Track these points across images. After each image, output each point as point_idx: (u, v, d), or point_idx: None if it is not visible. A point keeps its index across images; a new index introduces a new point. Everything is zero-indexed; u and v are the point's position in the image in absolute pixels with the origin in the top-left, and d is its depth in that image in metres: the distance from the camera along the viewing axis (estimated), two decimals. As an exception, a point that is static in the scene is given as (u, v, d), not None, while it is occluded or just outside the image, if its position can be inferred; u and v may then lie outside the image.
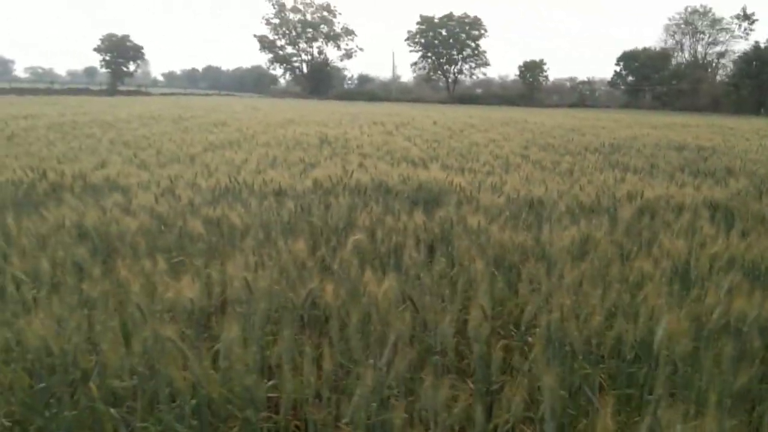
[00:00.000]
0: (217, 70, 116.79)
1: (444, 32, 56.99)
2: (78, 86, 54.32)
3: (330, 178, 3.95)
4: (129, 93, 48.22)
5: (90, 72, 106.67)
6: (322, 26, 59.74)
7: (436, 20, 57.14)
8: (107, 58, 55.09)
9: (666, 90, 51.82)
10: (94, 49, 54.75)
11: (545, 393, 1.35)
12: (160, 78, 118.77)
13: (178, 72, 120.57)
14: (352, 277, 2.05)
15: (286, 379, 1.47)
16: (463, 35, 57.04)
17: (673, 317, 1.68)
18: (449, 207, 3.33)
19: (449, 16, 57.14)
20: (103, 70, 57.13)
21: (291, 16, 59.24)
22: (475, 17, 57.13)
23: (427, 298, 1.98)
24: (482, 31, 57.59)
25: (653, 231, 3.13)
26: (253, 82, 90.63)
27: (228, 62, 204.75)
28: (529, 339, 1.98)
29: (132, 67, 57.47)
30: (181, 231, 2.69)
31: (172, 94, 50.99)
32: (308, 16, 59.38)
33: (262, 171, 5.15)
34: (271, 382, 1.65)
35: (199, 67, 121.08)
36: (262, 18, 60.31)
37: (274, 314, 1.90)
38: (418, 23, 57.70)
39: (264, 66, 66.61)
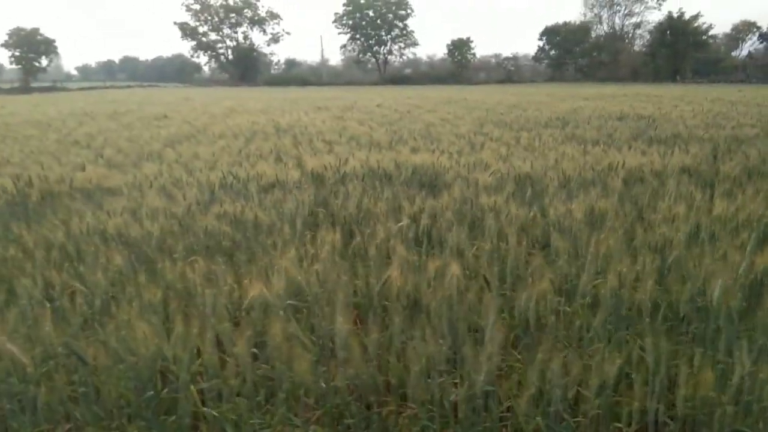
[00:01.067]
0: (135, 60, 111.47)
1: (371, 13, 56.71)
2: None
3: (326, 167, 3.94)
4: (44, 90, 45.28)
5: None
6: (245, 10, 58.09)
7: (362, 1, 56.73)
8: (17, 53, 51.46)
9: (588, 62, 53.87)
10: (2, 45, 51.02)
11: (649, 354, 1.46)
12: (74, 72, 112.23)
13: (93, 65, 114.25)
14: (411, 262, 2.10)
15: (394, 366, 1.52)
16: (391, 15, 56.98)
17: (726, 275, 1.83)
18: (454, 188, 3.41)
19: (375, -3, 56.90)
20: (12, 66, 53.37)
21: (212, 1, 57.29)
22: (401, -3, 57.16)
23: (487, 275, 2.05)
24: (409, 11, 57.74)
25: (648, 198, 3.33)
26: (176, 71, 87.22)
27: (146, 52, 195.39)
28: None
29: (44, 62, 54.02)
30: (207, 231, 2.63)
31: (92, 88, 48.27)
32: (230, 1, 57.58)
33: (240, 164, 5.07)
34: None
35: (116, 59, 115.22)
36: (182, 4, 57.81)
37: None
38: (344, 5, 57.15)
39: (187, 54, 64.22)
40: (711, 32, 42.43)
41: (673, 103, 15.19)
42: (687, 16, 41.59)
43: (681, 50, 40.94)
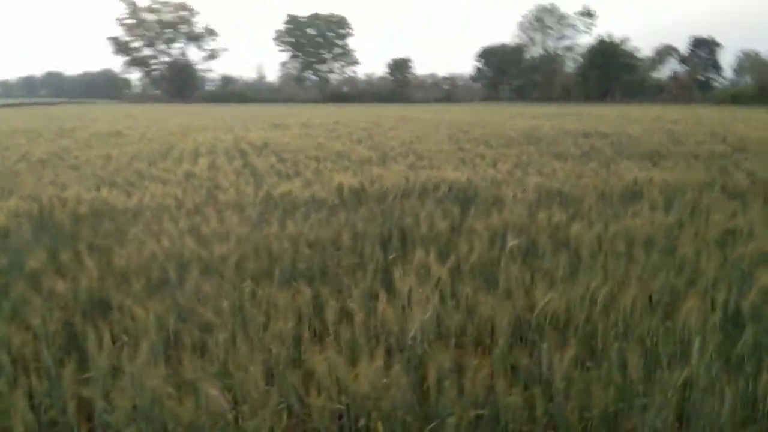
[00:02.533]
0: (60, 75, 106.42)
1: (312, 31, 56.71)
2: None
3: (362, 184, 3.80)
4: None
5: None
6: (181, 26, 56.76)
7: (303, 19, 56.70)
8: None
9: (522, 83, 55.87)
10: None
11: None
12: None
13: (13, 80, 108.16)
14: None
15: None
16: (332, 34, 57.19)
17: None
18: (504, 205, 3.36)
19: (316, 16, 57.00)
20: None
21: (146, 16, 55.64)
22: (341, 17, 57.57)
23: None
24: (349, 30, 58.16)
25: (684, 210, 3.38)
26: (104, 87, 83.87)
27: (72, 67, 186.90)
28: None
29: (-40, 75, 50.61)
30: (295, 253, 2.46)
31: (18, 105, 45.55)
32: (165, 16, 56.12)
33: (254, 183, 4.86)
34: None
35: (38, 73, 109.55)
36: (116, 19, 55.84)
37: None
38: (285, 22, 56.96)
39: (118, 69, 61.92)
40: (638, 55, 45.09)
41: (620, 121, 15.90)
42: (617, 40, 44.12)
43: (611, 72, 43.16)
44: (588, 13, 51.75)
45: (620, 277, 2.09)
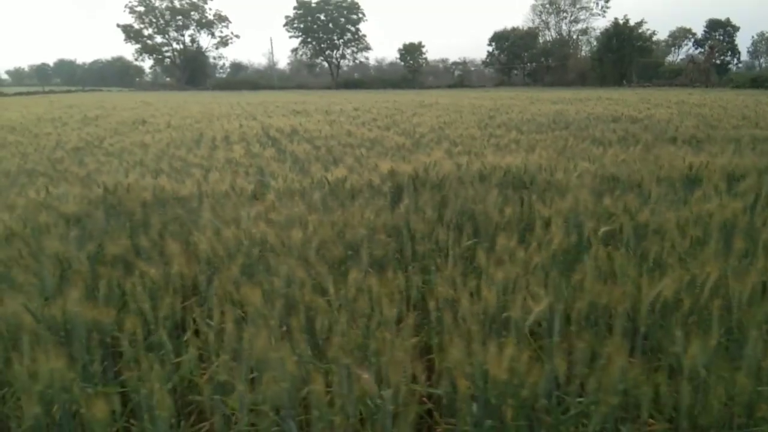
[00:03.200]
0: (72, 64, 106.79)
1: (323, 17, 56.40)
2: None
3: (416, 170, 3.77)
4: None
5: None
6: (192, 13, 56.65)
7: (313, 5, 56.36)
8: (-56, 55, 48.26)
9: (535, 67, 55.38)
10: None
11: None
12: (5, 76, 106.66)
13: (26, 68, 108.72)
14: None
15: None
16: (343, 20, 56.84)
17: None
18: (566, 191, 3.32)
19: (326, 1, 56.62)
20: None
21: (157, 3, 55.57)
22: (352, 1, 57.09)
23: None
24: (360, 15, 57.76)
25: (750, 195, 3.32)
26: (116, 75, 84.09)
27: (83, 55, 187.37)
28: None
29: (-25, 64, 50.89)
30: (371, 239, 2.44)
31: (32, 93, 45.79)
32: (176, 3, 56.03)
33: (298, 169, 4.85)
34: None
35: (50, 62, 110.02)
36: (125, 6, 55.87)
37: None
38: (295, 8, 56.62)
39: (131, 57, 62.03)
40: (654, 38, 44.53)
41: (643, 105, 15.71)
42: (632, 23, 43.54)
43: (627, 55, 42.66)
44: (602, -4, 51.13)
45: (719, 263, 2.05)
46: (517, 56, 55.93)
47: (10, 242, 2.37)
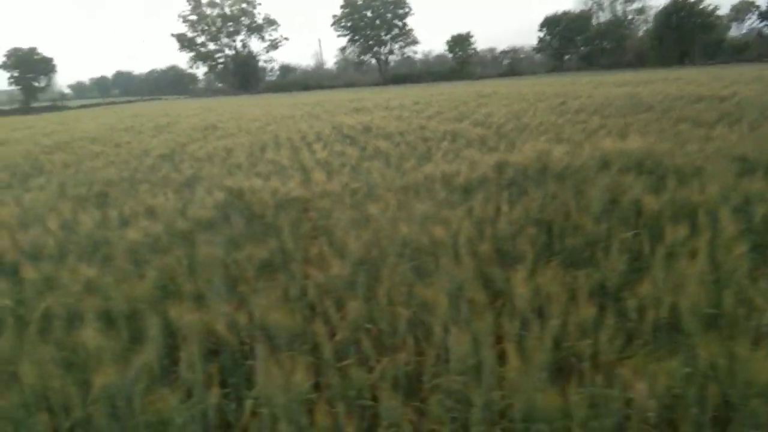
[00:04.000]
0: (129, 75, 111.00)
1: (369, 14, 56.40)
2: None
3: (529, 161, 3.63)
4: (46, 109, 44.65)
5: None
6: (242, 18, 57.73)
7: (360, 2, 56.42)
8: (15, 74, 50.95)
9: (590, 50, 53.68)
10: (0, 66, 50.49)
11: None
12: (67, 90, 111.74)
13: (87, 81, 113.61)
14: None
15: None
16: (390, 15, 56.68)
17: None
18: (701, 177, 3.11)
19: (372, -2, 56.58)
20: (11, 87, 52.76)
21: (208, 11, 56.90)
22: (399, -4, 56.86)
23: None
24: (407, 10, 57.43)
25: None
26: (170, 83, 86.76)
27: (139, 66, 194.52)
28: None
29: (43, 81, 53.53)
30: (518, 234, 2.32)
31: (94, 105, 47.80)
32: (227, 10, 57.21)
33: (393, 166, 4.79)
34: None
35: (109, 74, 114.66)
36: (178, 16, 57.49)
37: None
38: (342, 7, 56.81)
39: (185, 65, 63.84)
40: (718, 13, 42.34)
41: (718, 84, 14.91)
42: (692, -1, 41.50)
43: (688, 33, 40.71)
44: (659, -28, 48.89)
45: None
46: (570, 40, 54.35)
47: (162, 250, 2.38)
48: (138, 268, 2.23)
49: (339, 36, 58.37)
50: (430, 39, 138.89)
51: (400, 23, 57.36)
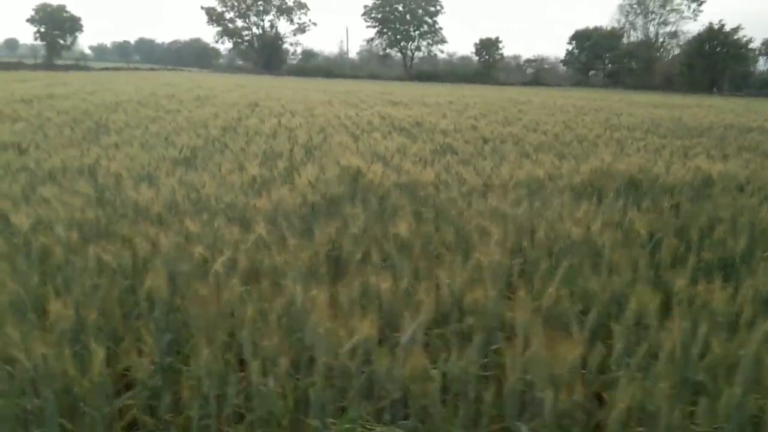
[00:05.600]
0: (151, 43, 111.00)
1: (401, 8, 56.31)
2: (5, 60, 50.06)
3: (629, 170, 3.68)
4: (69, 68, 44.64)
5: (10, 44, 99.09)
6: (273, -1, 57.72)
7: (393, -5, 56.38)
8: (42, 29, 51.02)
9: (617, 68, 53.53)
10: (27, 20, 50.60)
11: None
12: (88, 51, 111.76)
13: (108, 45, 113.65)
14: None
15: None
16: (420, 11, 56.58)
17: None
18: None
19: (405, -9, 56.48)
20: (37, 42, 52.89)
21: (240, -13, 56.87)
22: (432, -7, 56.75)
23: None
24: (438, 7, 57.32)
25: None
26: (193, 56, 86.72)
27: (162, 35, 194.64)
28: None
29: (69, 39, 53.61)
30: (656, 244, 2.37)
31: (117, 69, 47.73)
32: (259, -12, 57.21)
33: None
34: None
35: (131, 40, 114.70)
36: (209, -11, 57.48)
37: None
38: (374, -2, 56.76)
39: (210, 39, 63.81)
40: (751, 46, 42.18)
41: (762, 117, 14.89)
42: (727, 28, 41.35)
43: (720, 62, 40.60)
44: (695, -2, 48.79)
45: None
46: (598, 56, 54.24)
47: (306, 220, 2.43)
48: (299, 234, 2.29)
49: (368, 27, 58.24)
50: (454, 39, 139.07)
51: (430, 20, 57.26)
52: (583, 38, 54.41)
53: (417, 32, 57.42)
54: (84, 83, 17.15)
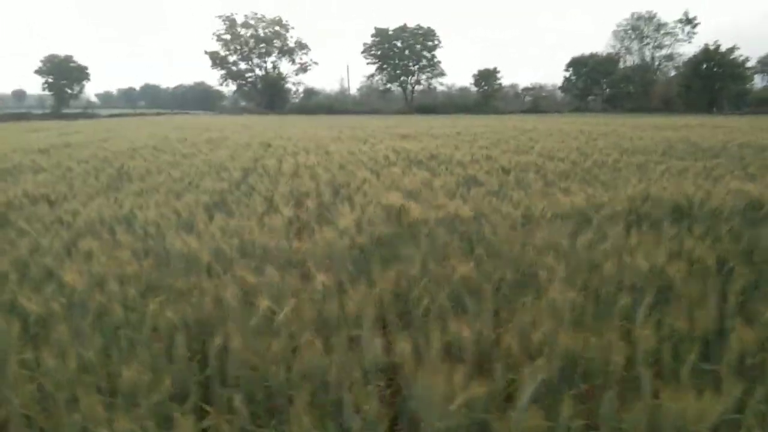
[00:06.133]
0: (156, 88, 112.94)
1: (399, 44, 57.29)
2: (14, 111, 50.94)
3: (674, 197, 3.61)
4: (77, 116, 45.27)
5: (18, 95, 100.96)
6: (275, 41, 58.82)
7: (390, 32, 57.39)
8: (50, 80, 52.02)
9: (614, 93, 54.04)
10: (36, 72, 51.65)
11: None
12: (94, 99, 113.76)
13: (114, 92, 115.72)
14: None
15: None
16: (418, 46, 57.53)
17: None
18: None
19: (403, 28, 57.54)
20: (45, 92, 53.90)
21: (242, 31, 58.04)
22: (429, 28, 57.80)
23: None
24: (436, 42, 58.29)
25: None
26: (197, 99, 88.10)
27: (165, 80, 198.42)
28: None
29: (76, 88, 54.58)
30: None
31: (123, 115, 48.50)
32: (260, 32, 58.36)
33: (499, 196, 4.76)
34: None
35: (136, 86, 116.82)
36: (213, 34, 58.60)
37: None
38: (372, 36, 57.80)
39: (214, 82, 64.95)
40: (747, 65, 42.55)
41: (763, 133, 14.89)
42: (723, 49, 41.79)
43: (717, 82, 40.95)
44: (688, 20, 49.50)
45: None
46: (595, 82, 54.84)
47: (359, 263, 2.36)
48: (356, 278, 2.22)
49: (368, 63, 59.20)
50: (451, 71, 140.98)
51: (428, 54, 58.18)
52: (580, 65, 55.12)
53: (416, 66, 58.31)
54: (96, 131, 17.34)
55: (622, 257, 2.34)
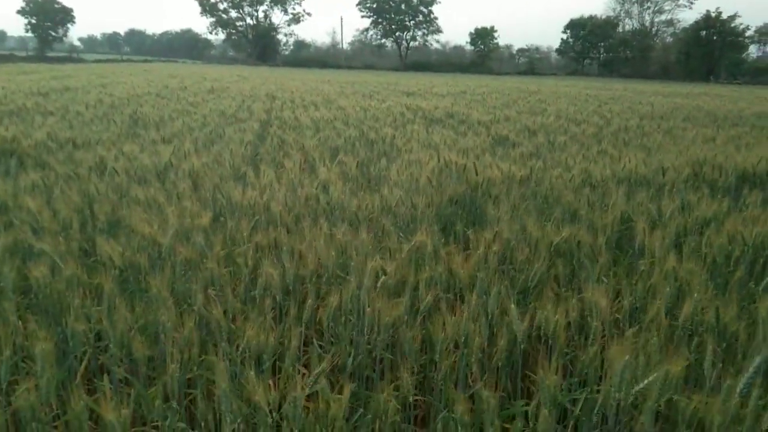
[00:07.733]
0: (142, 34, 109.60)
1: (396, -3, 55.88)
2: (-3, 52, 49.11)
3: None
4: (62, 60, 43.80)
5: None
6: (267, -12, 57.00)
7: (387, -16, 55.83)
8: (33, 21, 50.05)
9: (612, 57, 53.45)
10: (18, 12, 49.60)
11: None
12: (77, 43, 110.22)
13: (99, 36, 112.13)
14: None
15: None
16: (416, 1, 56.11)
17: None
18: None
19: (401, -19, 55.97)
20: (28, 34, 51.98)
21: (233, -23, 56.09)
22: (427, -18, 56.27)
23: None
24: (434, -3, 56.89)
25: None
26: (185, 47, 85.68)
27: (152, 26, 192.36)
28: None
29: (60, 31, 52.66)
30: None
31: (110, 60, 47.05)
32: (252, -22, 56.45)
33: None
34: None
35: (121, 31, 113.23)
36: (203, -21, 56.46)
37: None
38: (368, -13, 56.19)
39: (203, 30, 63.04)
40: (747, 33, 42.14)
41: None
42: (724, 16, 41.29)
43: (716, 50, 40.56)
44: (691, -14, 48.67)
45: None
46: (593, 45, 54.12)
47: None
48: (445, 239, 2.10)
49: (363, 17, 57.71)
50: (445, 29, 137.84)
51: (425, 10, 56.82)
52: (578, 27, 54.23)
53: (412, 22, 56.99)
54: (89, 76, 16.76)
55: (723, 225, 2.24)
